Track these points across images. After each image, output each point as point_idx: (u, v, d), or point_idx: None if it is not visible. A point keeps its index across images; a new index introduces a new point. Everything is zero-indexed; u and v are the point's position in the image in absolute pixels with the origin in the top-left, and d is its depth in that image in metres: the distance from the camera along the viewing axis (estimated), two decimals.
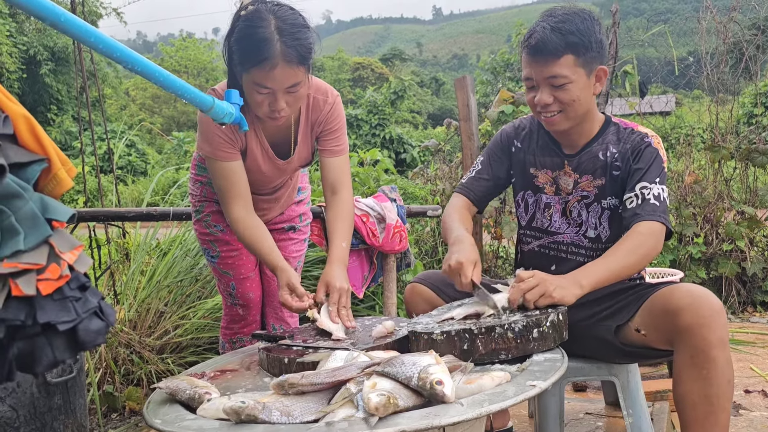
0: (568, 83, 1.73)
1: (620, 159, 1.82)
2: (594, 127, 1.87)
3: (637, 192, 1.75)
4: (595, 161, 1.85)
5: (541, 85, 1.76)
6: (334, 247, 1.98)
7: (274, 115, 1.79)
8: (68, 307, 1.01)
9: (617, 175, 1.83)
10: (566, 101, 1.75)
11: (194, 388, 1.36)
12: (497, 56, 20.52)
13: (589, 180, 1.87)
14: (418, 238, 4.75)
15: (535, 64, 1.74)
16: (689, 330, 1.54)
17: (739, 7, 4.85)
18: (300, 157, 2.07)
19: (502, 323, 1.45)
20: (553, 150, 1.93)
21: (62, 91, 23.21)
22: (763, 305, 4.25)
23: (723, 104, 4.96)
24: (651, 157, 1.78)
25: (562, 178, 1.91)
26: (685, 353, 1.56)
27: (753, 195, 4.38)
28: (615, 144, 1.84)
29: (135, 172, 18.69)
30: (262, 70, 1.68)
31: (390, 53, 53.07)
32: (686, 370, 1.57)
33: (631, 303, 1.74)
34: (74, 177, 1.15)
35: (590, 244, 1.89)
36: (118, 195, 3.99)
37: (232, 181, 1.94)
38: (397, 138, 20.38)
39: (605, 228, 1.87)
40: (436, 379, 1.16)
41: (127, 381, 2.88)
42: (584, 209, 1.88)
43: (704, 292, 1.59)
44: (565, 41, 1.70)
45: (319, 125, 2.01)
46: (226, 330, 2.39)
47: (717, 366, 1.53)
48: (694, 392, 1.56)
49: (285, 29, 1.67)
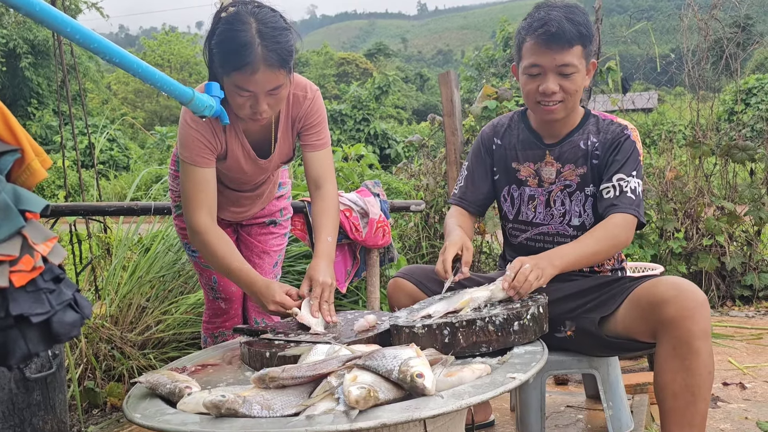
0: (575, 73, 1.78)
1: (600, 148, 1.87)
2: (576, 118, 1.92)
3: (615, 183, 1.80)
4: (577, 150, 1.89)
5: (549, 74, 1.78)
6: (320, 242, 1.95)
7: (256, 117, 1.78)
8: (42, 299, 0.99)
9: (596, 163, 1.87)
10: (570, 91, 1.79)
11: (174, 382, 1.36)
12: (481, 52, 20.58)
13: (572, 169, 1.90)
14: (402, 233, 4.75)
15: (548, 51, 1.75)
16: (673, 321, 1.56)
17: (720, 5, 4.90)
18: (281, 153, 2.05)
19: (482, 316, 1.46)
20: (533, 142, 1.96)
21: (43, 84, 22.87)
22: (741, 299, 4.32)
23: (704, 101, 5.01)
24: (629, 149, 1.84)
25: (543, 169, 1.94)
26: (668, 344, 1.59)
27: (732, 191, 4.44)
28: (595, 134, 1.89)
29: (117, 167, 18.48)
30: (243, 74, 1.67)
31: (375, 48, 52.94)
32: (669, 360, 1.60)
33: (615, 296, 1.76)
34: (51, 170, 1.13)
35: (575, 232, 1.91)
36: (99, 190, 3.95)
37: (201, 189, 1.89)
38: (382, 133, 20.36)
39: (589, 215, 1.91)
40: (416, 372, 1.16)
41: (109, 377, 2.86)
42: (567, 198, 1.92)
43: (688, 284, 1.61)
44: (578, 31, 1.75)
45: (300, 121, 2.00)
46: (208, 324, 2.37)
47: (699, 357, 1.56)
48: (676, 382, 1.59)
49: (266, 33, 1.66)
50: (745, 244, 4.41)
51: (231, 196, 2.17)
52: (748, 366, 2.99)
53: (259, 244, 2.33)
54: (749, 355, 3.20)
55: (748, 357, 3.16)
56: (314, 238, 2.01)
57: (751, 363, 3.04)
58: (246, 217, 2.27)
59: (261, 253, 2.32)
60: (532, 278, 1.59)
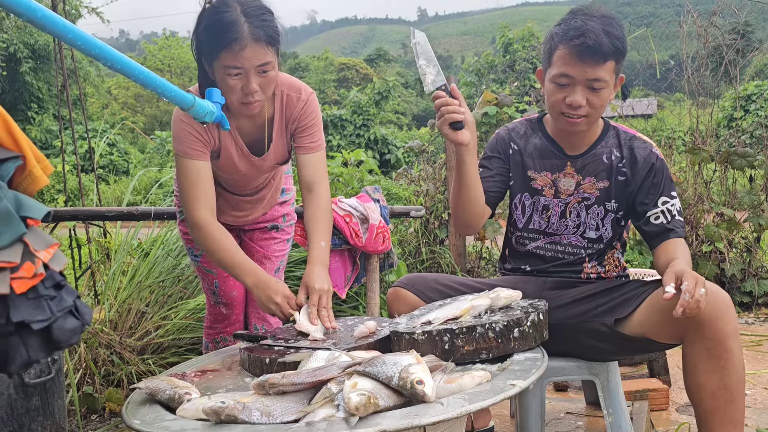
0: (605, 88, 1.74)
1: (627, 165, 1.86)
2: (597, 129, 1.91)
3: (662, 208, 1.82)
4: (599, 164, 1.88)
5: (577, 86, 1.74)
6: (313, 248, 1.94)
7: (248, 99, 1.79)
8: (43, 305, 0.99)
9: (622, 180, 1.87)
10: (597, 105, 1.76)
11: (174, 388, 1.35)
12: (481, 58, 20.62)
13: (592, 182, 1.89)
14: (402, 239, 4.75)
15: (581, 64, 1.71)
16: (706, 322, 1.57)
17: (720, 12, 4.92)
18: (276, 153, 2.06)
19: (483, 323, 1.46)
20: (553, 152, 1.93)
21: (43, 89, 22.91)
22: (741, 306, 4.31)
23: (704, 107, 5.02)
24: (663, 169, 1.85)
25: (561, 180, 1.92)
26: (701, 345, 1.59)
27: (732, 197, 4.44)
28: (617, 148, 1.88)
29: (117, 171, 18.49)
30: (231, 51, 1.71)
31: (375, 54, 53.01)
32: (703, 361, 1.60)
33: (630, 299, 1.75)
34: (51, 174, 1.13)
35: (589, 244, 1.92)
36: (99, 194, 3.95)
37: (197, 182, 1.90)
38: (382, 139, 20.38)
39: (608, 230, 1.91)
40: (416, 379, 1.16)
41: (108, 382, 2.85)
42: (583, 210, 1.91)
43: (715, 286, 1.61)
44: (614, 46, 1.70)
45: (294, 122, 2.01)
46: (210, 330, 2.38)
47: (734, 355, 1.58)
48: (713, 382, 1.60)
49: (251, 12, 1.73)
50: (745, 251, 4.41)
51: (231, 200, 2.18)
52: (748, 373, 2.98)
53: (260, 249, 2.33)
54: (749, 362, 3.19)
55: (748, 364, 3.15)
56: (308, 243, 1.99)
57: (750, 370, 3.04)
58: (247, 221, 2.27)
59: (262, 258, 2.32)
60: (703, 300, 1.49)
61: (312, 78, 40.07)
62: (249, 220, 2.27)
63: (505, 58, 18.50)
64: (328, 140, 20.18)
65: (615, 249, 1.96)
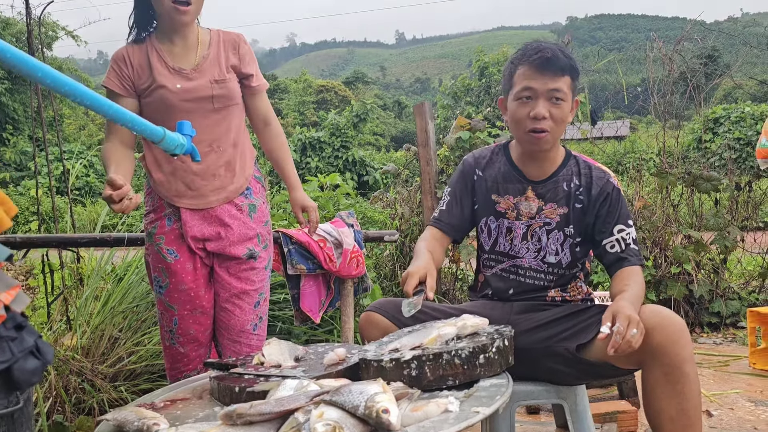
0: (564, 101, 1.86)
1: (584, 194, 1.94)
2: (558, 157, 1.99)
3: (618, 237, 1.89)
4: (560, 191, 1.95)
5: (540, 98, 1.85)
6: (290, 175, 2.34)
7: (179, 6, 2.01)
8: (3, 347, 0.99)
9: (579, 207, 1.94)
10: (558, 118, 1.86)
11: (142, 419, 1.35)
12: (457, 81, 20.87)
13: (553, 208, 1.96)
14: (378, 262, 4.77)
15: (540, 77, 1.83)
16: (661, 348, 1.61)
17: (687, 38, 5.07)
18: (211, 70, 2.15)
19: (449, 349, 1.48)
20: (515, 177, 2.00)
21: (18, 110, 22.67)
22: (710, 326, 4.40)
23: (673, 130, 5.15)
24: (618, 198, 1.93)
25: (523, 203, 1.98)
26: (658, 371, 1.63)
27: (699, 219, 4.55)
28: (577, 176, 1.96)
29: (93, 193, 18.31)
30: None
31: (353, 76, 53.39)
32: (660, 387, 1.64)
33: (591, 324, 1.79)
34: (14, 217, 1.13)
35: (549, 268, 1.96)
36: (73, 217, 3.92)
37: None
38: (360, 160, 20.47)
39: (566, 255, 1.96)
40: (382, 408, 1.18)
41: (78, 410, 2.82)
42: (544, 235, 1.96)
43: (668, 312, 1.67)
44: (569, 63, 1.86)
45: (235, 54, 2.20)
46: (172, 371, 2.29)
47: (690, 380, 1.61)
48: (672, 407, 1.63)
49: None
50: (712, 272, 4.51)
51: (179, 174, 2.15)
52: (715, 393, 3.04)
53: (237, 285, 2.23)
54: (716, 382, 3.26)
55: (715, 384, 3.22)
56: (281, 171, 2.33)
57: (717, 390, 3.10)
58: (209, 204, 2.16)
59: (240, 294, 2.23)
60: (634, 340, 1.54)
61: (291, 100, 40.16)
62: (211, 203, 2.17)
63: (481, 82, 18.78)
64: (307, 162, 20.22)
65: (578, 279, 2.01)
